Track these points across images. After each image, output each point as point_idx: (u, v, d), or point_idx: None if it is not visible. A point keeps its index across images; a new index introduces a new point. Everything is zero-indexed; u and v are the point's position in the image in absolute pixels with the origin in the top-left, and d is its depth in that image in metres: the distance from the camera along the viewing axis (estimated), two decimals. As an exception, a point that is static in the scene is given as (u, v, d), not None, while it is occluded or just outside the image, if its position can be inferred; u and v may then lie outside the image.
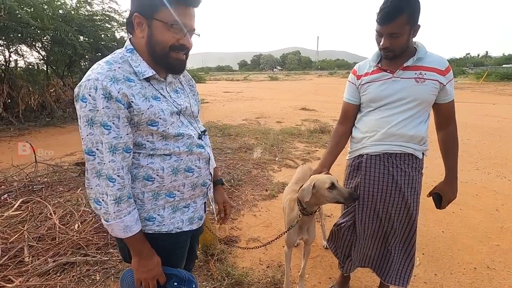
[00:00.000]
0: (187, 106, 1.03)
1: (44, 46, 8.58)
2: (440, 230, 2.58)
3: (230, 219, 2.72)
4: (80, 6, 8.75)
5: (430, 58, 1.33)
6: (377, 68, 1.39)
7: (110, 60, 0.89)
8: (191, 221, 1.07)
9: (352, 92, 1.52)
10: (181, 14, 0.87)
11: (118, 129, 0.85)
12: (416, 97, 1.31)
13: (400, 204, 1.44)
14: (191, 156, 1.00)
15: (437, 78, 1.30)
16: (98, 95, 0.82)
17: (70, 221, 2.52)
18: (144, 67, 0.91)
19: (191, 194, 1.04)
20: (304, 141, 5.70)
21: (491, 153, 4.89)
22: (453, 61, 67.25)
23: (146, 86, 0.91)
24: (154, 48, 0.90)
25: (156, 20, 0.86)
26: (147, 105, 0.89)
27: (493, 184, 3.61)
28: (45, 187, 3.26)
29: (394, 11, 1.18)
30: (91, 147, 0.85)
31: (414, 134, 1.36)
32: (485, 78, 25.55)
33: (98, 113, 0.82)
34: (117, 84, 0.84)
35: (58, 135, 6.54)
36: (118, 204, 0.87)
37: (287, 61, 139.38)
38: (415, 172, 1.42)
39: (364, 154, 1.46)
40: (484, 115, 8.69)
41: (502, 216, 2.82)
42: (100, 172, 0.86)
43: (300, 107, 10.55)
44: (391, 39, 1.24)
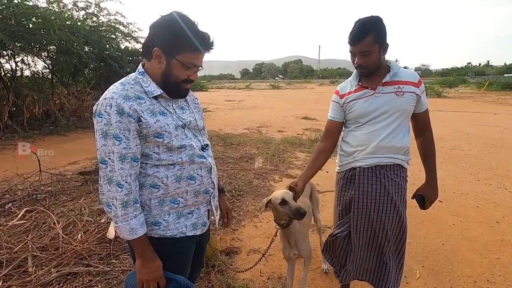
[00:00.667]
0: (191, 120, 1.14)
1: (50, 55, 8.75)
2: (440, 243, 2.58)
3: (231, 229, 2.75)
4: (86, 18, 8.95)
5: (404, 73, 1.47)
6: (359, 87, 1.51)
7: (124, 82, 1.04)
8: (195, 227, 1.14)
9: (335, 111, 1.61)
10: (196, 58, 1.04)
11: (128, 141, 0.97)
12: (398, 109, 1.44)
13: (392, 213, 1.51)
14: (193, 165, 1.09)
15: (414, 90, 1.44)
16: (112, 111, 0.95)
17: (73, 231, 2.55)
18: (153, 87, 1.05)
19: (194, 201, 1.12)
20: (305, 151, 5.73)
21: (492, 164, 4.89)
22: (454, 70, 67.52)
23: (155, 103, 1.04)
24: (168, 79, 1.05)
25: (176, 59, 1.02)
26: (154, 119, 1.01)
27: (494, 195, 3.62)
28: (48, 196, 3.30)
29: (361, 33, 1.36)
30: (104, 157, 0.96)
31: (402, 145, 1.48)
32: (487, 88, 25.62)
33: (112, 127, 0.95)
34: (129, 101, 0.97)
35: (61, 144, 6.61)
36: (125, 208, 0.97)
37: (289, 70, 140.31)
38: (402, 180, 1.54)
39: (357, 167, 1.54)
40: (486, 125, 8.71)
41: (502, 228, 2.82)
42: (111, 179, 0.97)
43: (301, 116, 10.62)
44: (363, 57, 1.40)
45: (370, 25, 1.35)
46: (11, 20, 6.50)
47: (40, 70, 9.13)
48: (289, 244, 1.70)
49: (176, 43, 1.00)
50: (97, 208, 2.94)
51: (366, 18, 1.39)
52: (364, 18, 1.39)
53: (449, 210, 3.21)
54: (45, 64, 8.97)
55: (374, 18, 1.38)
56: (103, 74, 9.82)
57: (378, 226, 1.52)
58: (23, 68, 8.65)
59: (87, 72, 10.66)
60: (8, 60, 8.05)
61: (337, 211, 1.66)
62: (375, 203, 1.51)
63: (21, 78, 8.55)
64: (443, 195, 3.58)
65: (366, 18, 1.38)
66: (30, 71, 8.84)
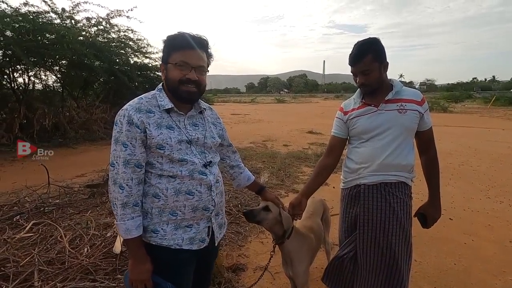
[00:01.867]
0: (199, 137, 1.18)
1: (61, 69, 9.00)
2: (452, 262, 2.51)
3: (237, 245, 2.72)
4: (98, 34, 9.24)
5: (406, 91, 1.50)
6: (362, 104, 1.54)
7: (143, 96, 1.14)
8: (192, 241, 1.15)
9: (339, 127, 1.62)
10: (186, 55, 1.10)
11: (134, 148, 1.06)
12: (401, 127, 1.45)
13: (398, 231, 1.48)
14: (192, 180, 1.12)
15: (416, 108, 1.46)
16: (125, 121, 1.06)
17: (79, 244, 2.54)
18: (166, 102, 1.13)
19: (191, 216, 1.14)
20: (311, 165, 5.70)
21: (502, 181, 4.81)
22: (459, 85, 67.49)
23: (165, 117, 1.11)
24: (168, 84, 1.13)
25: (169, 63, 1.11)
26: (158, 132, 1.08)
27: (506, 213, 3.53)
28: (56, 209, 3.32)
29: (360, 54, 1.42)
30: (113, 160, 1.07)
31: (406, 163, 1.48)
32: (493, 103, 25.48)
33: (122, 134, 1.06)
34: (139, 113, 1.07)
35: (70, 156, 6.70)
36: (123, 208, 1.05)
37: (294, 84, 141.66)
38: (407, 198, 1.52)
39: (362, 184, 1.53)
40: (494, 140, 8.61)
41: (516, 248, 2.74)
42: (116, 181, 1.06)
43: (306, 130, 10.64)
44: (364, 76, 1.44)
45: (368, 45, 1.42)
46: (28, 35, 6.75)
47: (52, 83, 9.39)
48: (286, 262, 1.66)
49: (167, 48, 1.11)
50: (104, 222, 2.94)
51: (363, 40, 1.45)
52: (362, 40, 1.46)
53: (460, 228, 3.14)
54: (56, 78, 9.23)
55: (371, 39, 1.44)
56: (113, 88, 10.04)
57: (385, 245, 1.48)
58: (35, 82, 8.91)
59: (97, 86, 10.93)
60: (21, 74, 8.30)
61: (343, 228, 1.64)
62: (381, 222, 1.48)
63: (33, 92, 8.79)
64: (453, 213, 3.52)
65: (363, 40, 1.45)
66: (42, 84, 9.10)
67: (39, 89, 9.13)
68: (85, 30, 8.84)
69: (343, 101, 1.75)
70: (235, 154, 1.53)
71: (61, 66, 8.85)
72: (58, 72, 9.05)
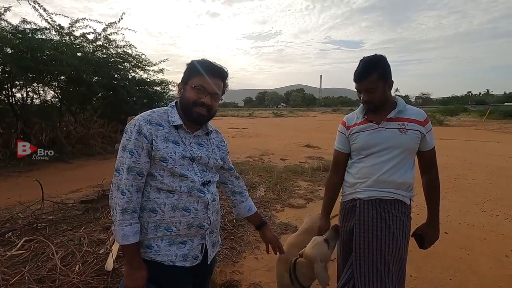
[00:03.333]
0: (202, 156, 1.22)
1: (60, 85, 9.09)
2: (448, 278, 2.49)
3: (231, 262, 2.69)
4: (96, 49, 9.40)
5: (410, 111, 1.49)
6: (364, 119, 1.54)
7: (155, 110, 1.20)
8: (185, 258, 1.17)
9: (342, 141, 1.63)
10: (205, 81, 1.17)
11: (139, 157, 1.10)
12: (400, 146, 1.44)
13: (395, 252, 1.44)
14: (190, 197, 1.15)
15: (418, 129, 1.45)
16: (135, 130, 1.11)
17: (71, 261, 2.50)
18: (176, 118, 1.19)
19: (186, 232, 1.16)
20: (307, 179, 5.71)
21: (497, 194, 4.82)
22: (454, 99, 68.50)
23: (173, 132, 1.17)
24: (183, 102, 1.20)
25: (188, 85, 1.18)
26: (164, 145, 1.13)
27: (501, 227, 3.53)
28: (49, 225, 3.28)
29: (365, 71, 1.42)
30: (119, 166, 1.12)
31: (403, 181, 1.46)
32: (488, 116, 25.81)
33: (130, 142, 1.11)
34: (149, 125, 1.13)
35: (65, 171, 6.67)
36: (123, 214, 1.08)
37: (291, 98, 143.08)
38: (404, 217, 1.49)
39: (358, 199, 1.53)
40: (489, 153, 8.68)
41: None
42: (119, 186, 1.10)
43: (304, 144, 10.68)
44: (368, 93, 1.44)
45: (374, 63, 1.42)
46: (27, 54, 6.85)
47: (50, 99, 9.45)
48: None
49: (190, 71, 1.19)
50: (97, 238, 2.91)
51: (370, 57, 1.45)
52: (368, 57, 1.46)
53: (455, 242, 3.13)
54: (55, 94, 9.30)
55: (378, 56, 1.44)
56: (111, 103, 10.12)
57: (383, 268, 1.42)
58: (33, 97, 8.97)
59: (95, 101, 11.01)
60: (19, 90, 8.37)
61: (340, 240, 1.63)
62: (377, 240, 1.44)
63: (31, 107, 8.84)
64: (449, 227, 3.51)
65: (370, 57, 1.45)
66: (40, 100, 9.16)
67: (37, 104, 9.18)
68: (83, 46, 9.00)
69: (340, 114, 1.76)
70: (239, 180, 1.53)
71: (60, 81, 8.94)
72: (57, 88, 9.13)
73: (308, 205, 4.33)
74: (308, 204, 4.38)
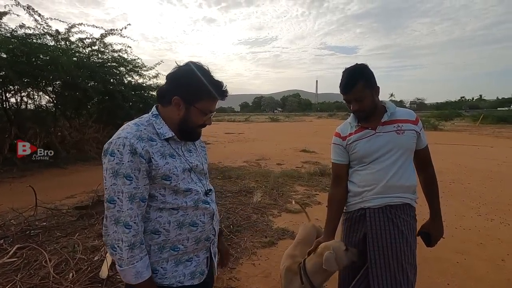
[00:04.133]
0: (197, 164, 1.15)
1: (55, 90, 9.02)
2: (445, 282, 2.49)
3: (228, 268, 2.66)
4: (92, 54, 9.37)
5: (400, 112, 1.52)
6: (359, 127, 1.52)
7: (138, 123, 1.06)
8: (193, 276, 1.10)
9: (340, 153, 1.59)
10: (212, 105, 1.11)
11: (138, 180, 0.97)
12: (400, 147, 1.45)
13: (410, 257, 1.41)
14: (196, 211, 1.08)
15: (413, 128, 1.48)
16: (126, 151, 0.95)
17: (65, 269, 2.46)
18: (166, 130, 1.07)
19: (193, 248, 1.10)
20: (304, 184, 5.70)
21: (492, 198, 4.85)
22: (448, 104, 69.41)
23: (165, 145, 1.06)
24: (186, 124, 1.09)
25: (194, 107, 1.07)
26: (163, 162, 1.02)
27: (497, 231, 3.55)
28: (42, 232, 3.23)
29: (350, 82, 1.43)
30: (113, 196, 0.95)
31: (410, 184, 1.45)
32: (481, 121, 26.16)
33: (123, 166, 0.95)
34: (142, 142, 0.99)
35: (60, 177, 6.59)
36: (131, 250, 0.95)
37: (288, 103, 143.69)
38: (413, 220, 1.49)
39: (367, 208, 1.48)
40: (484, 158, 8.77)
41: (508, 266, 2.73)
42: (118, 219, 0.95)
43: (300, 149, 10.69)
44: (357, 103, 1.45)
45: (357, 73, 1.43)
46: (22, 57, 6.80)
47: (45, 104, 9.37)
48: None
49: (196, 92, 1.06)
50: (91, 245, 2.87)
51: (352, 67, 1.47)
52: (350, 67, 1.47)
53: (452, 246, 3.13)
54: (49, 99, 9.23)
55: (360, 65, 1.46)
56: (106, 108, 10.06)
57: (401, 277, 1.38)
58: (27, 102, 8.89)
59: (90, 106, 10.94)
60: (14, 95, 8.29)
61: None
62: (391, 247, 1.40)
63: (25, 112, 8.75)
64: (445, 231, 3.45)
65: (352, 67, 1.47)
66: (35, 104, 9.08)
67: (32, 109, 9.10)
68: (79, 52, 8.97)
69: (336, 119, 1.74)
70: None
71: (55, 86, 8.88)
72: (52, 93, 9.07)
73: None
74: (305, 209, 4.36)
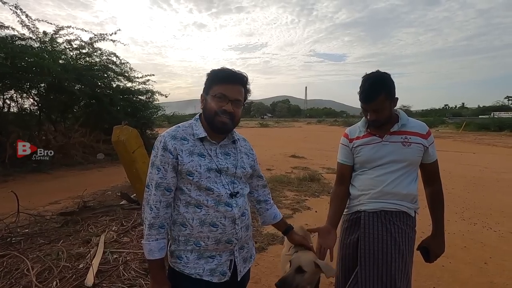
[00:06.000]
0: (228, 167, 1.19)
1: (39, 92, 8.81)
2: (432, 286, 2.54)
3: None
4: (80, 57, 9.22)
5: (412, 124, 1.49)
6: (367, 133, 1.53)
7: (180, 125, 1.22)
8: (212, 273, 1.15)
9: (346, 154, 1.61)
10: (224, 89, 1.15)
11: (166, 172, 1.12)
12: (404, 159, 1.44)
13: (401, 266, 1.41)
14: (217, 213, 1.13)
15: (421, 142, 1.44)
16: (160, 146, 1.13)
17: (48, 277, 2.38)
18: (201, 131, 1.18)
19: (214, 248, 1.15)
20: (293, 190, 5.73)
21: (475, 203, 5.01)
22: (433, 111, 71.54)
23: (198, 145, 1.17)
24: (205, 113, 1.19)
25: (209, 95, 1.17)
26: (189, 159, 1.13)
27: (480, 235, 3.65)
28: (24, 239, 3.12)
29: (373, 93, 1.38)
30: (148, 182, 1.15)
31: (407, 192, 1.44)
32: (464, 128, 27.02)
33: (157, 159, 1.13)
34: (174, 140, 1.14)
35: (44, 182, 6.40)
36: (150, 229, 1.11)
37: (277, 109, 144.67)
38: (409, 229, 1.47)
39: (362, 211, 1.50)
40: (466, 164, 9.04)
41: (490, 270, 2.81)
42: (148, 201, 1.13)
43: (290, 154, 10.76)
44: (375, 113, 1.42)
45: (381, 84, 1.39)
46: (7, 61, 6.62)
47: (28, 106, 9.12)
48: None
49: (209, 81, 1.18)
50: (76, 252, 2.79)
51: (375, 76, 1.41)
52: (373, 75, 1.42)
53: (438, 250, 3.20)
54: (33, 101, 8.99)
55: (383, 75, 1.41)
56: (94, 112, 9.88)
57: (388, 282, 1.39)
58: (10, 105, 8.63)
59: (77, 109, 10.72)
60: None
61: (340, 255, 1.58)
62: (382, 253, 1.41)
63: (8, 115, 8.49)
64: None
65: (376, 77, 1.41)
66: (18, 107, 8.83)
67: (15, 112, 8.83)
68: (66, 54, 8.82)
69: (325, 125, 1.74)
70: (265, 189, 1.48)
71: (40, 89, 8.67)
72: (36, 95, 8.84)
73: (294, 215, 4.33)
74: (295, 214, 4.39)
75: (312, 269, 1.37)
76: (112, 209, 4.01)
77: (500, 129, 25.15)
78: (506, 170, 8.12)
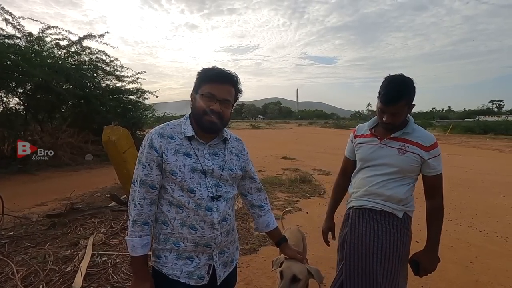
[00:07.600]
0: (213, 169, 1.17)
1: (26, 92, 8.59)
2: (420, 285, 2.59)
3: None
4: (68, 56, 9.04)
5: (417, 133, 1.47)
6: (370, 133, 1.57)
7: (170, 123, 1.21)
8: (190, 276, 1.13)
9: (350, 149, 1.70)
10: (212, 88, 1.14)
11: (151, 170, 1.12)
12: (396, 165, 1.45)
13: (383, 262, 1.43)
14: (196, 216, 1.12)
15: (418, 152, 1.43)
16: (147, 143, 1.13)
17: (34, 281, 2.32)
18: (189, 130, 1.17)
19: (192, 249, 1.14)
20: (285, 191, 5.75)
21: (461, 204, 5.12)
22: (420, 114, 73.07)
23: (185, 144, 1.15)
24: (194, 112, 1.18)
25: (198, 94, 1.16)
26: (173, 158, 1.12)
27: (466, 235, 3.74)
28: (9, 242, 3.03)
29: (396, 97, 1.37)
30: (134, 179, 1.14)
31: (392, 194, 1.45)
32: (451, 131, 27.67)
33: (143, 156, 1.13)
34: (160, 138, 1.13)
35: (30, 183, 6.24)
36: (133, 225, 1.12)
37: (269, 111, 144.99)
38: (397, 230, 1.47)
39: (351, 207, 1.59)
40: (453, 166, 9.23)
41: (476, 269, 2.89)
42: (133, 198, 1.13)
43: (281, 156, 10.78)
44: (392, 116, 1.41)
45: (405, 88, 1.37)
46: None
47: (14, 106, 8.88)
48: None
49: (199, 80, 1.17)
50: (64, 255, 2.73)
51: (401, 79, 1.40)
52: (398, 78, 1.40)
53: (425, 250, 3.26)
54: (19, 101, 8.76)
55: (408, 81, 1.39)
56: (82, 112, 9.68)
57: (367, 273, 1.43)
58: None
59: (65, 109, 10.49)
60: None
61: (339, 248, 1.66)
62: (364, 247, 1.46)
63: (-8, 114, 8.25)
64: (419, 235, 3.62)
65: (401, 80, 1.39)
66: (3, 107, 8.58)
67: (-1, 111, 8.59)
68: (53, 53, 8.63)
69: (316, 127, 1.80)
70: (260, 193, 1.43)
71: (26, 88, 8.46)
72: (22, 95, 8.62)
73: (286, 217, 4.34)
74: (286, 215, 4.40)
75: (305, 276, 1.40)
76: (101, 211, 3.94)
77: (485, 132, 26.03)
78: (491, 171, 8.36)
